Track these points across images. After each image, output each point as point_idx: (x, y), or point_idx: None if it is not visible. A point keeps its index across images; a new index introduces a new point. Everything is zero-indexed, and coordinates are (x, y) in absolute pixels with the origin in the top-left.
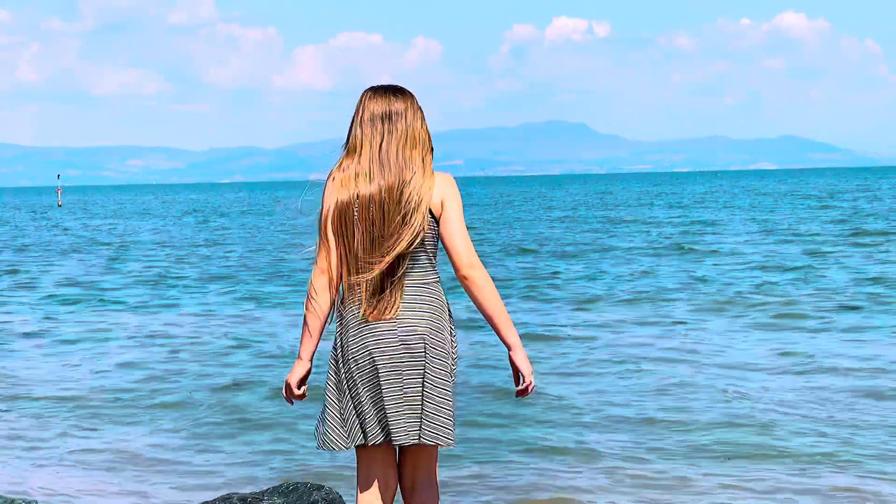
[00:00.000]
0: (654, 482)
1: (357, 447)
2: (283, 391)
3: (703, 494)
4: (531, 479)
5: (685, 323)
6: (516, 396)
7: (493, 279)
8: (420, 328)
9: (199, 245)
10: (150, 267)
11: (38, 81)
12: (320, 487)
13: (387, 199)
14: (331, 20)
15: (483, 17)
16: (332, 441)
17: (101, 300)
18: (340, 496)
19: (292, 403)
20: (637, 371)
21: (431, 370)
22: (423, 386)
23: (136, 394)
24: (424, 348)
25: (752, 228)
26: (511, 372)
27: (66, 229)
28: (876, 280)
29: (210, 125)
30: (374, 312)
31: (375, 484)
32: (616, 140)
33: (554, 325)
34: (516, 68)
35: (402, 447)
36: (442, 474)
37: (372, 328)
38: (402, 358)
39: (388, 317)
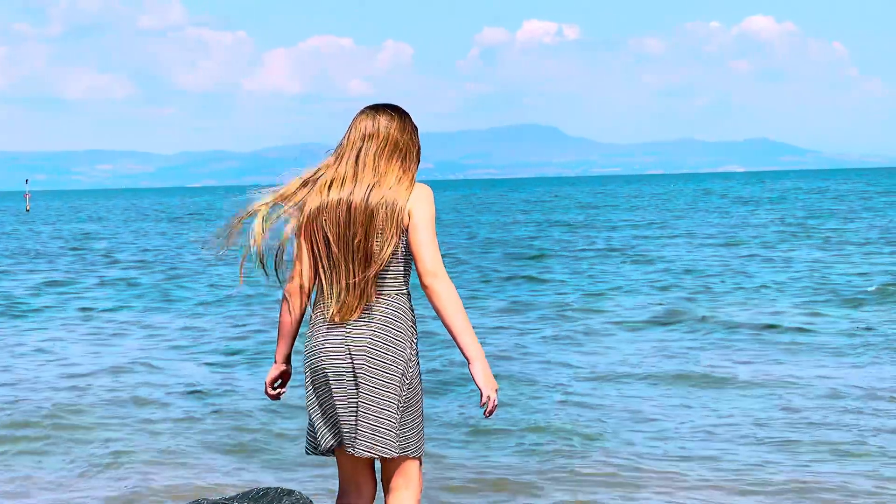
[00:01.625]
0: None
1: (334, 451)
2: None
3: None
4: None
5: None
6: (483, 416)
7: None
8: (364, 336)
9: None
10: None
11: (6, 86)
12: (290, 493)
13: (354, 204)
14: (301, 23)
15: (453, 20)
16: (308, 445)
17: None
18: (311, 501)
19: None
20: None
21: (368, 380)
22: (358, 396)
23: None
24: (364, 358)
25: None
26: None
27: (9, 233)
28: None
29: (180, 129)
30: (337, 317)
31: (349, 487)
32: (587, 143)
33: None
34: (487, 71)
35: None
36: None
37: (328, 332)
38: (344, 366)
39: (346, 320)
